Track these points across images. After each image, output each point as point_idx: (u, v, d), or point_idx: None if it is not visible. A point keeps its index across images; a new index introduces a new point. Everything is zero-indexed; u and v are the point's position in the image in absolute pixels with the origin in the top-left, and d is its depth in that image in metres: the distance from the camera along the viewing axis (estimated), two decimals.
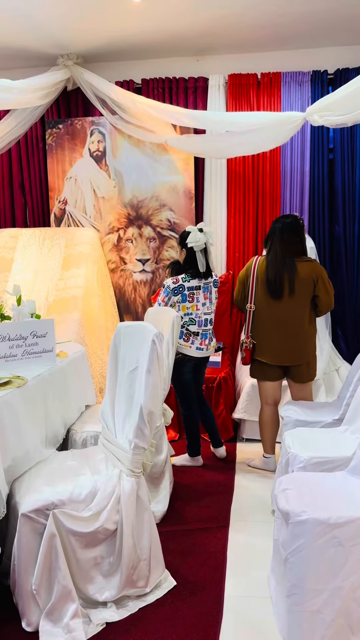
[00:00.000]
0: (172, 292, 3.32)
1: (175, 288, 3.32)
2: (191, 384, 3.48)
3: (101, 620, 2.10)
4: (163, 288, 3.36)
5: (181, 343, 3.38)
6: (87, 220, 4.80)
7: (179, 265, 3.49)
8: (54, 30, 4.09)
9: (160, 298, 3.35)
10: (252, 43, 4.41)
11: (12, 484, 2.26)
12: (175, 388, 3.52)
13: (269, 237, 3.32)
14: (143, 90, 4.68)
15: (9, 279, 4.42)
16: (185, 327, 3.38)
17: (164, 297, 3.34)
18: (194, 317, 3.38)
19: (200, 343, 3.40)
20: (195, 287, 3.35)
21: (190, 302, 3.35)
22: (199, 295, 3.37)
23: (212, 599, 2.24)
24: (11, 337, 2.65)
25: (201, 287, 3.37)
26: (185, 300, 3.34)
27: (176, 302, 3.35)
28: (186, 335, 3.39)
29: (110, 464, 2.34)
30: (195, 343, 3.39)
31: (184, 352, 3.39)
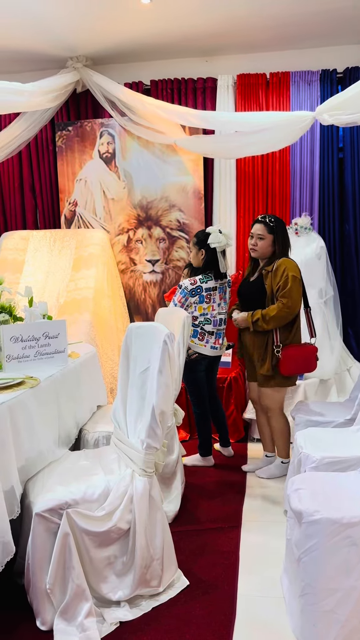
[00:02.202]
0: (189, 293, 3.36)
1: (193, 289, 3.36)
2: (205, 383, 3.53)
3: (115, 619, 2.11)
4: (180, 289, 3.39)
5: (196, 342, 3.42)
6: (97, 222, 4.82)
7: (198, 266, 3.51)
8: (63, 33, 4.11)
9: (177, 299, 3.38)
10: (260, 43, 4.41)
11: (25, 484, 2.28)
12: (189, 387, 3.54)
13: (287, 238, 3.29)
14: (152, 92, 4.69)
15: (20, 281, 4.45)
16: (201, 327, 3.42)
17: (180, 297, 3.37)
18: (209, 317, 3.42)
19: (215, 342, 3.45)
20: (212, 288, 3.41)
21: (207, 302, 3.40)
22: (215, 296, 3.42)
23: (225, 599, 2.24)
24: (24, 338, 2.67)
25: (217, 287, 3.42)
26: (202, 301, 3.39)
27: (193, 302, 3.38)
28: (201, 335, 3.42)
29: (122, 463, 2.36)
30: (210, 342, 3.44)
31: (200, 351, 3.43)
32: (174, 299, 3.41)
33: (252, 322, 3.17)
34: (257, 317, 3.15)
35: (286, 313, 3.09)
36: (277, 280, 3.12)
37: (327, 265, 4.34)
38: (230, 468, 3.56)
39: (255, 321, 3.16)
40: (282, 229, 3.24)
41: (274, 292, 3.15)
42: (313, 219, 4.48)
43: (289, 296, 3.08)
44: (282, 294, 3.10)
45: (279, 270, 3.14)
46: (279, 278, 3.12)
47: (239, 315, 3.28)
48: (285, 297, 3.09)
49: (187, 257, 4.68)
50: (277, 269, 3.15)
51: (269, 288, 3.17)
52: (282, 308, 3.09)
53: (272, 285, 3.15)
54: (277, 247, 3.21)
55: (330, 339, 4.23)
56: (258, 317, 3.15)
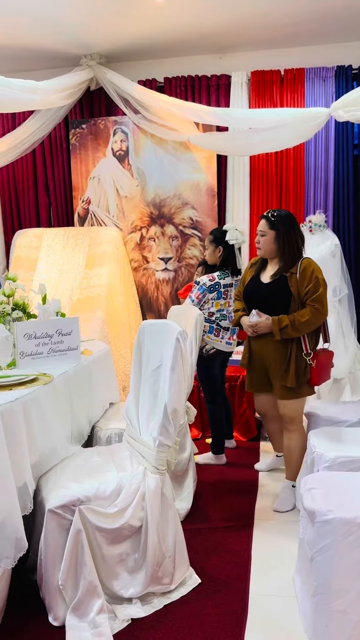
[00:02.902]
0: (207, 289, 3.42)
1: (212, 285, 3.42)
2: (218, 379, 3.60)
3: (126, 616, 2.11)
4: (198, 285, 3.44)
5: (212, 338, 3.47)
6: (110, 220, 4.83)
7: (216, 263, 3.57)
8: (77, 31, 4.12)
9: (194, 295, 3.43)
10: (275, 39, 4.38)
11: (38, 480, 2.29)
12: (203, 383, 3.59)
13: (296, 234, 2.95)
14: (165, 89, 4.68)
15: (33, 278, 4.48)
16: (217, 323, 3.47)
17: (198, 294, 3.42)
18: (225, 313, 3.48)
19: (229, 338, 3.51)
20: (229, 285, 3.47)
21: (224, 299, 3.46)
22: (231, 292, 3.49)
23: (237, 598, 2.23)
24: (37, 335, 2.68)
25: (233, 284, 3.49)
26: (220, 297, 3.45)
27: (210, 299, 3.44)
28: (216, 331, 3.48)
29: (135, 461, 2.36)
30: (225, 338, 3.50)
31: (216, 347, 3.49)
32: (190, 295, 3.47)
33: (280, 329, 2.80)
34: (285, 323, 2.79)
35: (318, 319, 2.80)
36: (306, 283, 2.81)
37: (341, 264, 4.31)
38: (242, 466, 3.54)
39: (283, 328, 2.79)
40: (288, 224, 2.89)
41: (300, 296, 2.83)
42: (327, 216, 4.44)
43: (321, 301, 2.79)
44: (314, 298, 2.79)
45: (307, 272, 2.82)
46: (307, 281, 2.81)
47: (259, 321, 2.86)
48: (317, 301, 2.79)
49: (200, 255, 4.67)
50: (305, 270, 2.83)
51: (296, 291, 2.83)
52: (314, 314, 2.78)
53: (298, 288, 2.82)
54: (280, 244, 2.88)
55: (344, 337, 4.20)
56: (287, 323, 2.78)
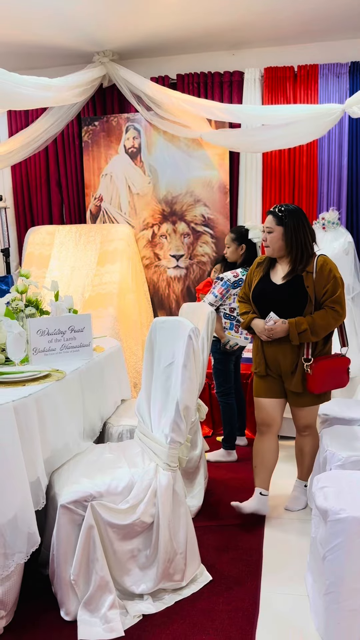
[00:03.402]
0: (231, 285, 3.48)
1: (236, 281, 3.48)
2: (232, 373, 3.70)
3: (138, 612, 2.12)
4: (221, 281, 3.50)
5: (232, 334, 3.56)
6: (122, 217, 4.83)
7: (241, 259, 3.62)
8: (90, 28, 4.12)
9: (217, 290, 3.49)
10: (288, 35, 4.35)
11: (51, 475, 2.30)
12: (219, 378, 3.67)
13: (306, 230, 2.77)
14: (178, 86, 4.67)
15: (46, 275, 4.50)
16: (237, 319, 3.54)
17: (222, 289, 3.48)
18: None
19: (247, 333, 3.55)
20: None
21: None
22: None
23: (249, 595, 2.23)
24: (50, 331, 2.69)
25: None
26: None
27: (233, 294, 3.50)
28: (236, 327, 3.56)
29: (146, 457, 2.36)
30: (243, 333, 3.57)
31: (238, 343, 3.58)
32: (213, 290, 3.52)
33: (298, 333, 2.63)
34: (303, 327, 2.61)
35: (337, 322, 2.66)
36: (324, 283, 2.64)
37: (355, 261, 4.28)
38: None
39: (301, 332, 2.62)
40: (297, 219, 2.71)
41: (318, 297, 2.66)
42: (341, 213, 4.41)
43: (340, 302, 2.64)
44: (334, 299, 2.63)
45: (325, 271, 2.66)
46: (325, 280, 2.65)
47: (276, 325, 2.67)
48: (337, 303, 2.63)
49: (212, 252, 4.66)
50: (322, 269, 2.66)
51: (312, 292, 2.65)
52: (334, 316, 2.63)
53: (315, 288, 2.65)
54: (289, 241, 2.70)
55: (357, 336, 4.17)
56: (305, 327, 2.61)
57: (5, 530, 1.97)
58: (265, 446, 2.85)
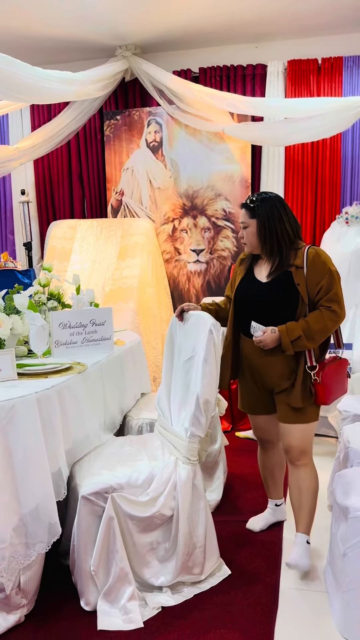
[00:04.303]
0: None
1: None
2: None
3: (157, 604, 2.13)
4: None
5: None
6: (142, 211, 4.83)
7: None
8: (112, 22, 4.12)
9: None
10: (312, 27, 4.29)
11: (72, 467, 2.32)
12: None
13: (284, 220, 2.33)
14: (200, 79, 4.65)
15: (67, 269, 4.53)
16: None
17: None
18: None
19: None
20: None
21: None
22: None
23: (268, 591, 2.22)
24: (72, 324, 2.71)
25: None
26: None
27: None
28: None
29: (166, 451, 2.37)
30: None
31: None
32: None
33: (291, 342, 2.21)
34: (296, 334, 2.20)
35: (335, 324, 2.25)
36: (318, 279, 2.23)
37: None
38: None
39: (295, 340, 2.21)
40: (270, 207, 2.29)
41: (311, 295, 2.26)
42: None
43: (338, 301, 2.24)
44: (329, 297, 2.22)
45: (317, 264, 2.24)
46: (318, 275, 2.23)
47: (265, 335, 2.25)
48: (334, 301, 2.23)
49: (233, 247, 4.64)
50: (314, 262, 2.24)
51: (304, 290, 2.24)
52: (331, 317, 2.22)
53: (307, 286, 2.24)
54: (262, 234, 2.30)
55: None
56: (299, 334, 2.20)
57: (27, 520, 1.99)
58: (273, 460, 2.63)
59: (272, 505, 2.73)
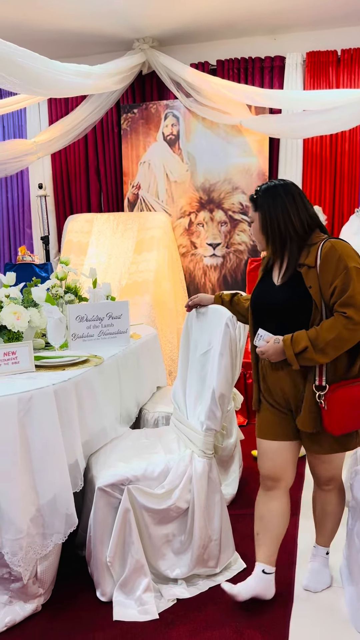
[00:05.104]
0: None
1: None
2: None
3: (172, 596, 2.15)
4: None
5: None
6: (159, 205, 4.83)
7: None
8: (130, 15, 4.10)
9: None
10: (331, 18, 4.23)
11: (88, 459, 2.34)
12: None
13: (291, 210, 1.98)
14: (218, 72, 4.62)
15: (84, 263, 4.55)
16: None
17: None
18: None
19: None
20: None
21: None
22: None
23: (283, 585, 2.22)
24: (88, 317, 2.72)
25: None
26: None
27: None
28: None
29: (182, 444, 2.37)
30: None
31: None
32: None
33: (295, 354, 1.88)
34: (303, 345, 1.86)
35: (352, 333, 1.85)
36: (331, 278, 1.87)
37: None
38: None
39: (301, 352, 1.87)
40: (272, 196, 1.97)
41: (323, 299, 1.90)
42: None
43: (354, 304, 1.83)
44: (344, 301, 1.84)
45: (330, 261, 1.88)
46: (331, 274, 1.87)
47: (268, 345, 1.95)
48: (349, 306, 1.83)
49: (249, 241, 4.61)
50: (327, 258, 1.88)
51: (317, 292, 1.90)
52: (346, 325, 1.83)
53: (320, 286, 1.90)
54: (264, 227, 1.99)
55: None
56: (306, 345, 1.86)
57: (44, 510, 2.02)
58: (271, 508, 2.10)
59: (258, 571, 2.07)
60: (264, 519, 2.11)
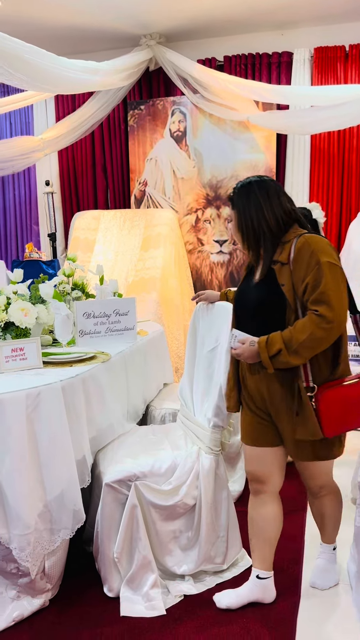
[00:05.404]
0: None
1: None
2: None
3: (179, 592, 2.15)
4: None
5: None
6: (166, 202, 4.82)
7: None
8: (137, 10, 4.09)
9: None
10: (339, 13, 4.20)
11: (96, 454, 2.35)
12: None
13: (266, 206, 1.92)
14: (225, 68, 4.60)
15: (91, 260, 4.55)
16: None
17: None
18: None
19: None
20: None
21: None
22: None
23: (290, 582, 2.22)
24: (95, 314, 2.73)
25: None
26: None
27: None
28: None
29: (189, 441, 2.37)
30: None
31: None
32: None
33: (270, 357, 1.81)
34: (276, 347, 1.79)
35: (326, 332, 1.77)
36: (302, 275, 1.81)
37: None
38: None
39: (275, 355, 1.80)
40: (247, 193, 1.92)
41: (297, 297, 1.84)
42: None
43: (327, 301, 1.77)
44: (315, 298, 1.78)
45: (303, 256, 1.82)
46: (304, 270, 1.81)
47: (242, 346, 1.89)
48: (320, 303, 1.77)
49: None
50: (299, 254, 1.82)
51: (290, 290, 1.84)
52: (318, 324, 1.76)
53: (293, 284, 1.83)
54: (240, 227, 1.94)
55: None
56: (279, 347, 1.79)
57: (52, 506, 2.02)
58: (261, 512, 2.06)
59: (252, 577, 2.08)
60: (254, 524, 2.08)
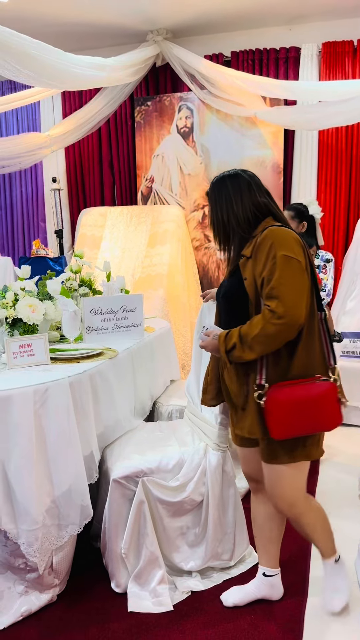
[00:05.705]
0: None
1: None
2: None
3: (187, 588, 2.15)
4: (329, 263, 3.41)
5: None
6: (172, 198, 4.81)
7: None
8: (143, 6, 4.08)
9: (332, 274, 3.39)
10: (347, 8, 4.17)
11: (103, 450, 2.35)
12: None
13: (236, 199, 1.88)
14: (232, 63, 4.59)
15: (98, 256, 4.56)
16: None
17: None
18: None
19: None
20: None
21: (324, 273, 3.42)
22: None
23: (297, 580, 2.21)
24: (103, 310, 2.72)
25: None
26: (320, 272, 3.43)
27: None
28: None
29: (196, 437, 2.37)
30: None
31: None
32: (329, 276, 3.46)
33: (225, 351, 1.77)
34: (232, 341, 1.75)
35: (277, 328, 1.68)
36: (260, 269, 1.74)
37: None
38: None
39: (230, 350, 1.75)
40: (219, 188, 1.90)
41: (258, 291, 1.77)
42: None
43: (278, 296, 1.68)
44: (268, 292, 1.71)
45: (263, 249, 1.74)
46: (261, 264, 1.73)
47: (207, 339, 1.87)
48: (272, 298, 1.69)
49: None
50: (259, 248, 1.75)
51: (251, 284, 1.77)
52: (270, 318, 1.68)
53: (255, 278, 1.76)
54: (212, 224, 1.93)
55: None
56: (235, 341, 1.74)
57: (60, 502, 2.03)
58: (260, 511, 2.05)
59: (259, 575, 2.08)
60: (256, 523, 2.09)
